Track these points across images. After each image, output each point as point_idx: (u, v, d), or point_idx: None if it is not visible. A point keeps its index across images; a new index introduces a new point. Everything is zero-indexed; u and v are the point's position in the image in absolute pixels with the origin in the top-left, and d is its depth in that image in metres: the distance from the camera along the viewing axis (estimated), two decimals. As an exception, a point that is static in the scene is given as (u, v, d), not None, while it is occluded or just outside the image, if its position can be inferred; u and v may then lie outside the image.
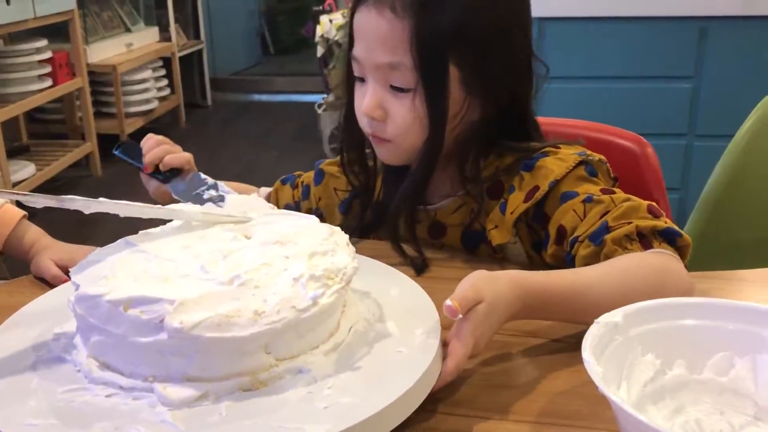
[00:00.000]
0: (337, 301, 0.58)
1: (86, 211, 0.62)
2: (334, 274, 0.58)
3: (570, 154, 0.81)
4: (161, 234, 0.65)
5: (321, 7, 4.39)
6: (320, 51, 4.19)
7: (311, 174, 1.04)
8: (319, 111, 3.96)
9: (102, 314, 0.54)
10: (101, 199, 0.63)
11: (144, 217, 0.66)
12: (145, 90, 4.14)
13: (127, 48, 4.10)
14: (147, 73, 4.17)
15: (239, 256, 0.59)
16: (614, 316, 0.58)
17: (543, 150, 0.83)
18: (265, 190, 1.07)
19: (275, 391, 0.54)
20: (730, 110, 1.63)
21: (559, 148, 0.82)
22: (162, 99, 4.34)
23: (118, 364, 0.55)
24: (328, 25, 3.94)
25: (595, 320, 0.57)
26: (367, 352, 0.59)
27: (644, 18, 2.08)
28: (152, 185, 0.99)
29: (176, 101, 4.50)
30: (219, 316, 0.52)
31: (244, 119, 4.81)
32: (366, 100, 0.83)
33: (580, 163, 0.80)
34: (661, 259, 0.68)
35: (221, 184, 0.96)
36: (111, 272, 0.57)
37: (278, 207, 1.01)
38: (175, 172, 0.97)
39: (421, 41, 0.78)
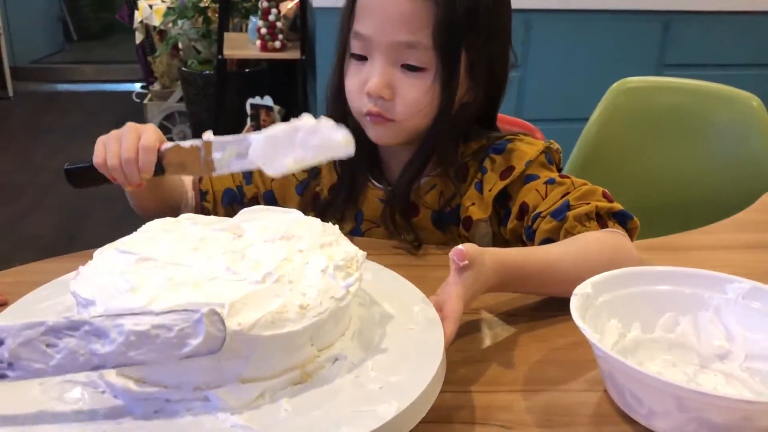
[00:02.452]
0: (360, 288, 0.61)
1: None
2: (350, 262, 0.61)
3: (535, 140, 0.88)
4: (150, 239, 0.62)
5: (137, -8, 4.15)
6: (139, 37, 3.97)
7: None
8: (145, 101, 3.76)
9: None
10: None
11: None
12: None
13: None
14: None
15: (255, 254, 0.59)
16: (585, 287, 0.67)
17: (506, 138, 0.90)
18: (188, 177, 1.00)
19: (322, 381, 0.55)
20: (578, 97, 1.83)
21: (519, 137, 0.90)
22: (-45, 90, 3.87)
23: (160, 378, 0.53)
24: (148, 10, 3.74)
25: (573, 292, 0.65)
26: (383, 333, 0.62)
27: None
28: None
29: (-28, 92, 4.03)
30: (271, 313, 0.53)
31: (52, 111, 4.42)
32: (375, 79, 0.83)
33: (543, 150, 0.87)
34: (614, 237, 0.78)
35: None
36: (130, 284, 0.54)
37: (214, 192, 0.98)
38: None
39: (442, 22, 0.79)
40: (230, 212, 0.97)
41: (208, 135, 0.79)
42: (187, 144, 0.80)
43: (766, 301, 0.67)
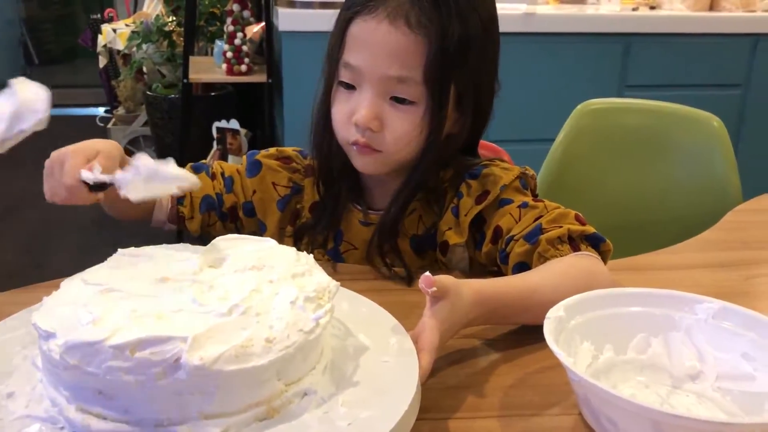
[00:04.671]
0: (331, 320, 0.59)
1: None
2: (322, 293, 0.59)
3: (510, 166, 0.89)
4: (118, 269, 0.61)
5: (100, 16, 4.12)
6: (102, 61, 3.93)
7: (232, 166, 0.99)
8: (109, 125, 3.71)
9: (103, 362, 0.49)
10: None
11: None
12: None
13: None
14: None
15: (223, 285, 0.58)
16: (558, 310, 0.66)
17: (482, 164, 0.90)
18: None
19: (290, 416, 0.54)
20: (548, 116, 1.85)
21: (495, 162, 0.90)
22: None
23: (119, 414, 0.51)
24: (112, 34, 3.71)
25: (546, 316, 0.65)
26: (356, 366, 0.61)
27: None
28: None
29: (-72, 119, 3.93)
30: (235, 347, 0.51)
31: (13, 137, 4.33)
32: (363, 111, 0.82)
33: (518, 175, 0.88)
34: (588, 261, 0.78)
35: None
36: (93, 316, 0.52)
37: (192, 197, 0.95)
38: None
39: (434, 58, 0.79)
40: (207, 219, 0.96)
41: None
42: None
43: (735, 320, 0.67)
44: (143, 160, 0.70)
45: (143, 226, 0.98)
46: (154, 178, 0.69)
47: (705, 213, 1.30)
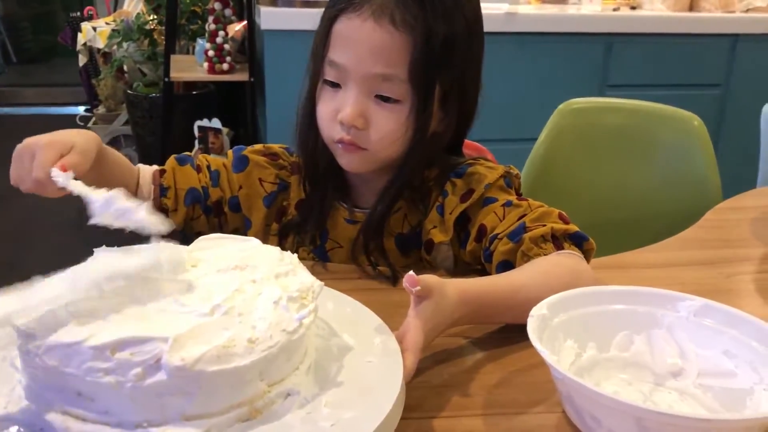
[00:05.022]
0: (315, 320, 0.59)
1: None
2: (306, 293, 0.59)
3: (495, 165, 0.89)
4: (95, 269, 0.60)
5: (80, 14, 4.08)
6: (82, 60, 3.89)
7: (218, 159, 0.98)
8: (89, 124, 3.67)
9: (82, 362, 0.49)
10: None
11: None
12: None
13: None
14: None
15: (205, 284, 0.57)
16: (541, 308, 0.67)
17: (467, 163, 0.90)
18: (147, 168, 0.94)
19: (273, 417, 0.53)
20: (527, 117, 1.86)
21: (479, 161, 0.90)
22: None
23: (98, 415, 0.50)
24: (92, 32, 3.67)
25: (530, 314, 0.65)
26: (340, 366, 0.60)
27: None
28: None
29: None
30: (217, 348, 0.50)
31: (-9, 136, 4.28)
32: (348, 109, 0.81)
33: (502, 174, 0.88)
34: (572, 260, 0.78)
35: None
36: (73, 316, 0.51)
37: (177, 189, 0.93)
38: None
39: (419, 56, 0.79)
40: (191, 212, 0.94)
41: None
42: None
43: (717, 318, 0.68)
44: (118, 199, 0.66)
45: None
46: (122, 218, 0.67)
47: (686, 211, 1.31)
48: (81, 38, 3.72)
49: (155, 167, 0.95)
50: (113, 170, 0.87)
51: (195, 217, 0.95)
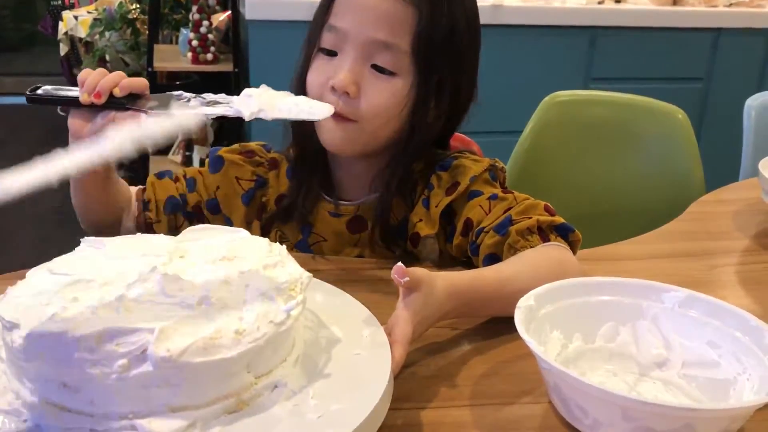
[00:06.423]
0: (303, 312, 0.59)
1: None
2: (294, 284, 0.59)
3: (480, 158, 0.88)
4: (86, 259, 0.59)
5: (61, 2, 4.03)
6: (64, 49, 3.84)
7: (194, 168, 0.98)
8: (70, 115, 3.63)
9: (67, 353, 0.48)
10: None
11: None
12: None
13: None
14: None
15: (193, 276, 0.56)
16: (528, 299, 0.67)
17: (452, 155, 0.89)
18: (133, 189, 0.96)
19: (259, 409, 0.53)
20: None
21: (465, 154, 0.90)
22: None
23: (83, 406, 0.49)
24: (73, 21, 3.62)
25: (517, 305, 0.65)
26: (328, 358, 0.60)
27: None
28: (95, 123, 0.79)
29: None
30: (203, 339, 0.50)
31: (-30, 127, 4.22)
32: (342, 74, 0.80)
33: (488, 167, 0.87)
34: (558, 252, 0.79)
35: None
36: (55, 306, 0.50)
37: (157, 201, 0.94)
38: (133, 98, 0.79)
39: (423, 30, 0.79)
40: (173, 221, 0.95)
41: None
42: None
43: (701, 309, 0.69)
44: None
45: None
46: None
47: (670, 203, 1.32)
48: (62, 27, 3.67)
49: (139, 187, 0.97)
50: (119, 188, 0.92)
51: (178, 225, 0.96)
